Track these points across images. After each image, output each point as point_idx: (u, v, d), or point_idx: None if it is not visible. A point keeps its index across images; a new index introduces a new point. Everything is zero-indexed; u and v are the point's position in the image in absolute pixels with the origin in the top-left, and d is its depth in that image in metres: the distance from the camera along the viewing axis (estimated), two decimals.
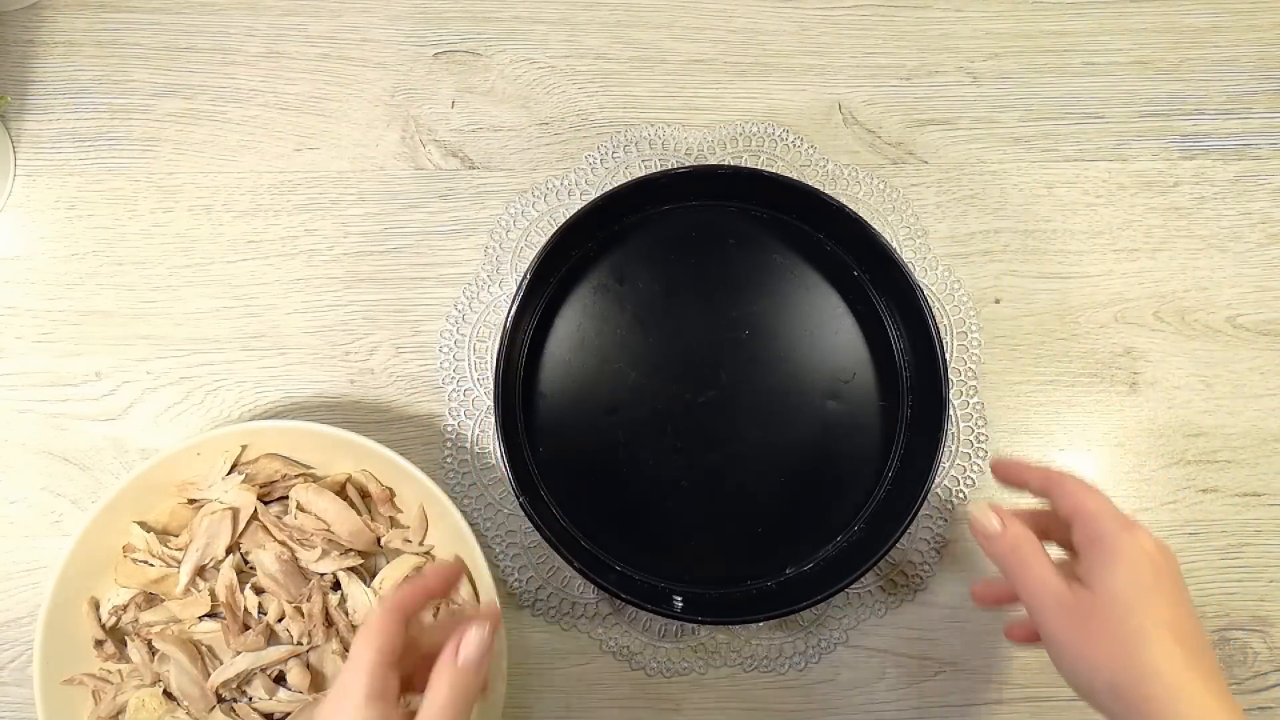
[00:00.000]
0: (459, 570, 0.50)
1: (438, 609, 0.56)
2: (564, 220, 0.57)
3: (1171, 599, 0.42)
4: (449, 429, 0.61)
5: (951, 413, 0.60)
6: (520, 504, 0.55)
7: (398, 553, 0.57)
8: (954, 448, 0.61)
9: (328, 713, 0.40)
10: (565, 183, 0.64)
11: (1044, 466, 0.51)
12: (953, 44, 0.67)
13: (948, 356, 0.59)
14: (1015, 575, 0.45)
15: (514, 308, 0.56)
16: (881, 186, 0.64)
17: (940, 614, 0.60)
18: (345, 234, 0.63)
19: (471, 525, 0.55)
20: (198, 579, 0.55)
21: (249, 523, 0.56)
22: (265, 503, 0.56)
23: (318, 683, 0.55)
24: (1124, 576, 0.42)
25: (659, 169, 0.63)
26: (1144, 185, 0.65)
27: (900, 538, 0.55)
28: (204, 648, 0.55)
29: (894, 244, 0.60)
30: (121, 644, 0.55)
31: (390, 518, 0.58)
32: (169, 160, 0.63)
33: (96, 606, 0.55)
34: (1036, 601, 0.44)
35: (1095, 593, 0.42)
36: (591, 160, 0.64)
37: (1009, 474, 0.51)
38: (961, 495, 0.61)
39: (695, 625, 0.57)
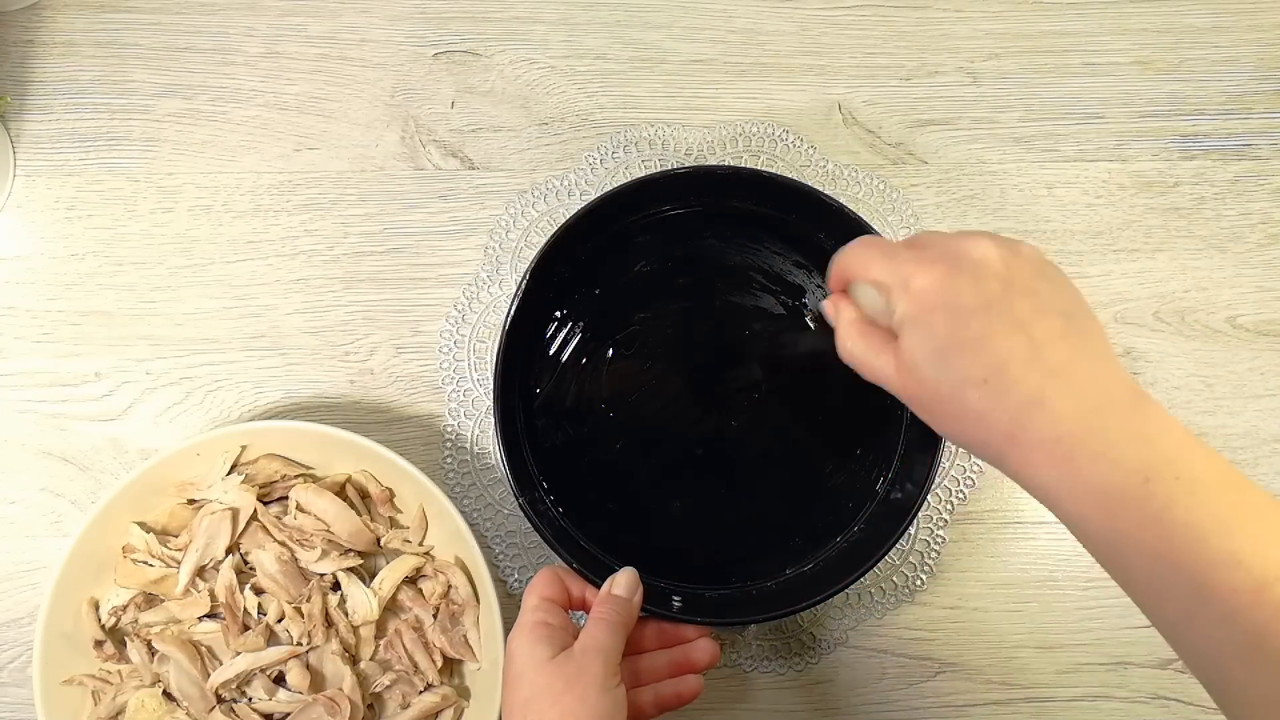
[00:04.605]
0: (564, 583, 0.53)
1: (437, 609, 0.56)
2: (564, 220, 0.57)
3: (975, 340, 0.34)
4: (449, 429, 0.61)
5: None
6: (520, 504, 0.55)
7: (397, 553, 0.57)
8: (953, 448, 0.61)
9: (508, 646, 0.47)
10: (565, 183, 0.64)
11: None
12: (953, 44, 0.67)
13: None
14: (862, 373, 0.42)
15: (514, 308, 0.56)
16: (881, 186, 0.64)
17: (940, 614, 0.60)
18: (345, 234, 0.63)
19: (471, 525, 0.55)
20: (197, 579, 0.55)
21: (249, 523, 0.56)
22: (265, 503, 0.56)
23: (317, 683, 0.55)
24: (911, 343, 0.36)
25: (659, 169, 0.63)
26: (1144, 185, 0.65)
27: (900, 538, 0.55)
28: (204, 648, 0.55)
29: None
30: (121, 644, 0.55)
31: (390, 518, 0.58)
32: (169, 160, 0.63)
33: (96, 607, 0.55)
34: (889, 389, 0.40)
35: (906, 370, 0.37)
36: (591, 160, 0.64)
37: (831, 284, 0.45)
38: (961, 495, 0.61)
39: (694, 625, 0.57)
